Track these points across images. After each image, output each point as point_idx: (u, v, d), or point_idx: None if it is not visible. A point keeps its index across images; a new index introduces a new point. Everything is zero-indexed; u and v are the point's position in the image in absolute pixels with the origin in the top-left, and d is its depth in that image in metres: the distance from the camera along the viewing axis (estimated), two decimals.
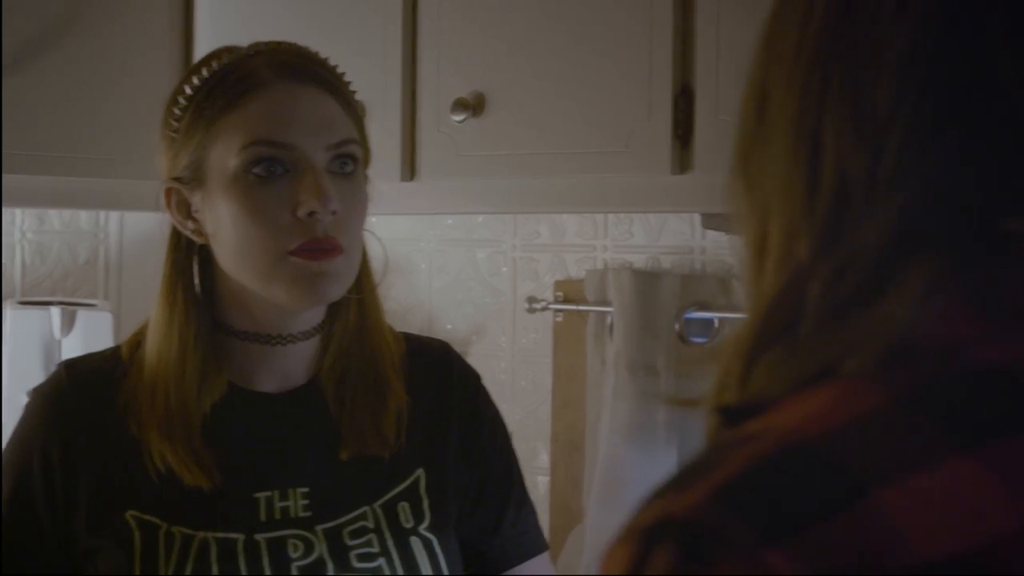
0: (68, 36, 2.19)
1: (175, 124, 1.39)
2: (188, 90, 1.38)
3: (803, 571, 0.59)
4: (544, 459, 2.36)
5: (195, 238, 1.40)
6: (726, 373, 0.72)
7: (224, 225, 1.35)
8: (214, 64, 1.38)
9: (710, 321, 2.14)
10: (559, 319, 2.35)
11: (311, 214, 1.32)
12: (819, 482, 0.62)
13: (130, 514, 1.34)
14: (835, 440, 0.64)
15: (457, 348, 1.60)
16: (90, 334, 2.42)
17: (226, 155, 1.34)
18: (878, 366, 0.67)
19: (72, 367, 1.44)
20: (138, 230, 2.72)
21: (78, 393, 1.40)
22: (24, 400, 1.46)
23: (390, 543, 1.39)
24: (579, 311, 2.30)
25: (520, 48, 1.92)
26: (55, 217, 2.67)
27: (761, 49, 0.76)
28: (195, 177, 1.37)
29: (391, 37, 2.04)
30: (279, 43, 1.41)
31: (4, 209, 2.57)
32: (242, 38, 2.18)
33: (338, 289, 1.37)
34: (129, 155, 2.20)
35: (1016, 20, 0.69)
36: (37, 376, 2.32)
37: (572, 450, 2.32)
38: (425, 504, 1.44)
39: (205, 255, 1.41)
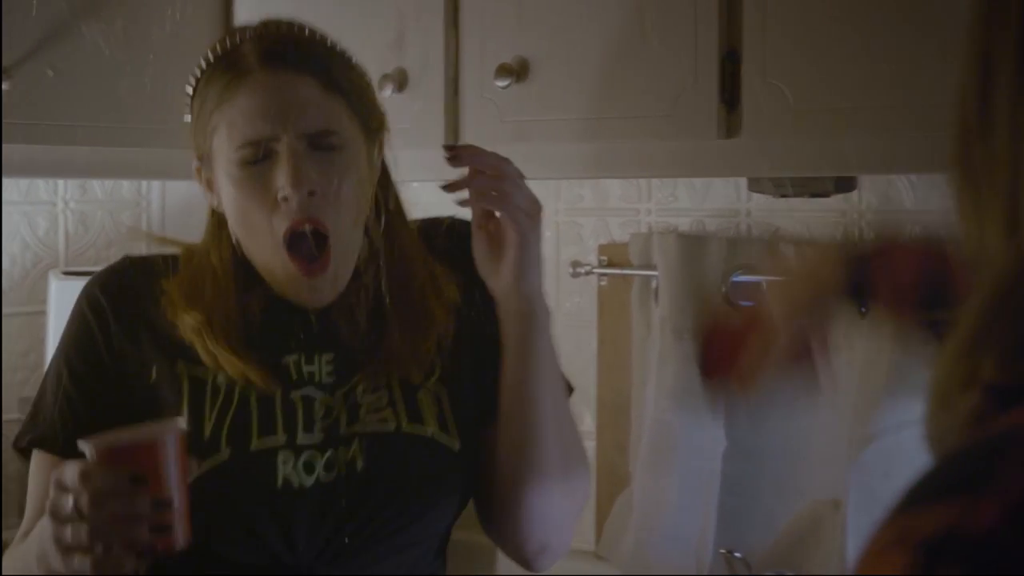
0: (110, 7, 2.18)
1: (189, 107, 1.53)
2: (197, 72, 1.51)
3: None
4: (589, 424, 2.36)
5: (218, 209, 1.54)
6: (963, 355, 0.66)
7: (229, 206, 1.50)
8: (217, 48, 1.51)
9: (757, 284, 2.12)
10: (603, 283, 2.34)
11: (286, 198, 1.44)
12: None
13: (181, 363, 1.50)
14: None
15: None
16: None
17: (225, 147, 1.47)
18: None
19: (133, 256, 1.60)
20: (180, 197, 2.73)
21: (136, 271, 1.56)
22: None
23: (397, 395, 1.51)
24: (624, 275, 2.29)
25: (564, 13, 1.90)
26: (97, 186, 2.67)
27: (977, 33, 0.69)
28: (208, 157, 1.52)
29: (434, 2, 2.03)
30: (267, 25, 1.51)
31: (49, 180, 2.58)
32: (282, 9, 2.17)
33: (329, 294, 1.50)
34: (171, 125, 2.20)
35: None
36: None
37: (618, 414, 2.31)
38: (436, 361, 1.54)
39: None
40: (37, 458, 1.54)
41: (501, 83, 1.93)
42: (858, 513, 1.89)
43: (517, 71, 1.93)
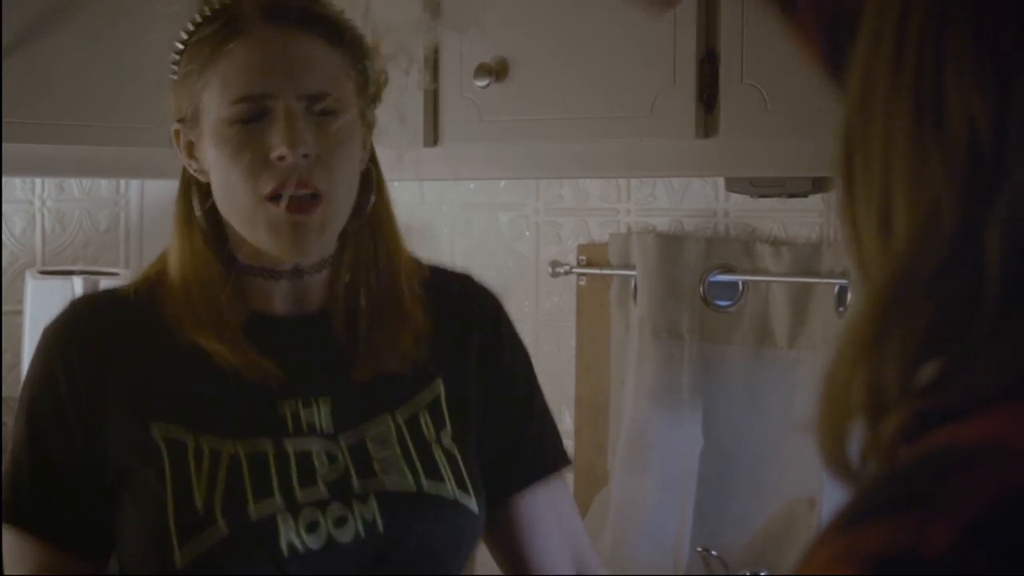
0: (90, 5, 2.18)
1: (176, 68, 1.44)
2: (190, 27, 1.44)
3: None
4: (568, 423, 2.36)
5: (198, 176, 1.44)
6: (878, 367, 0.64)
7: (212, 167, 1.41)
8: (215, 2, 1.43)
9: (734, 284, 2.14)
10: (582, 283, 2.35)
11: (281, 158, 1.36)
12: None
13: (155, 428, 1.37)
14: None
15: None
16: None
17: (217, 103, 1.39)
18: None
19: (84, 299, 1.51)
20: (158, 197, 2.72)
21: (96, 318, 1.45)
22: None
23: (413, 453, 1.42)
24: (602, 275, 2.30)
25: (543, 12, 1.91)
26: (75, 185, 2.67)
27: (861, 48, 0.70)
28: (193, 117, 1.42)
29: (413, 0, 2.03)
30: None
31: (27, 179, 2.57)
32: None
33: (319, 243, 1.40)
34: (150, 123, 2.20)
35: None
36: None
37: (596, 414, 2.32)
38: (446, 415, 1.46)
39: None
40: (10, 536, 1.42)
41: (480, 83, 1.94)
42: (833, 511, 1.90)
43: (497, 71, 1.94)
